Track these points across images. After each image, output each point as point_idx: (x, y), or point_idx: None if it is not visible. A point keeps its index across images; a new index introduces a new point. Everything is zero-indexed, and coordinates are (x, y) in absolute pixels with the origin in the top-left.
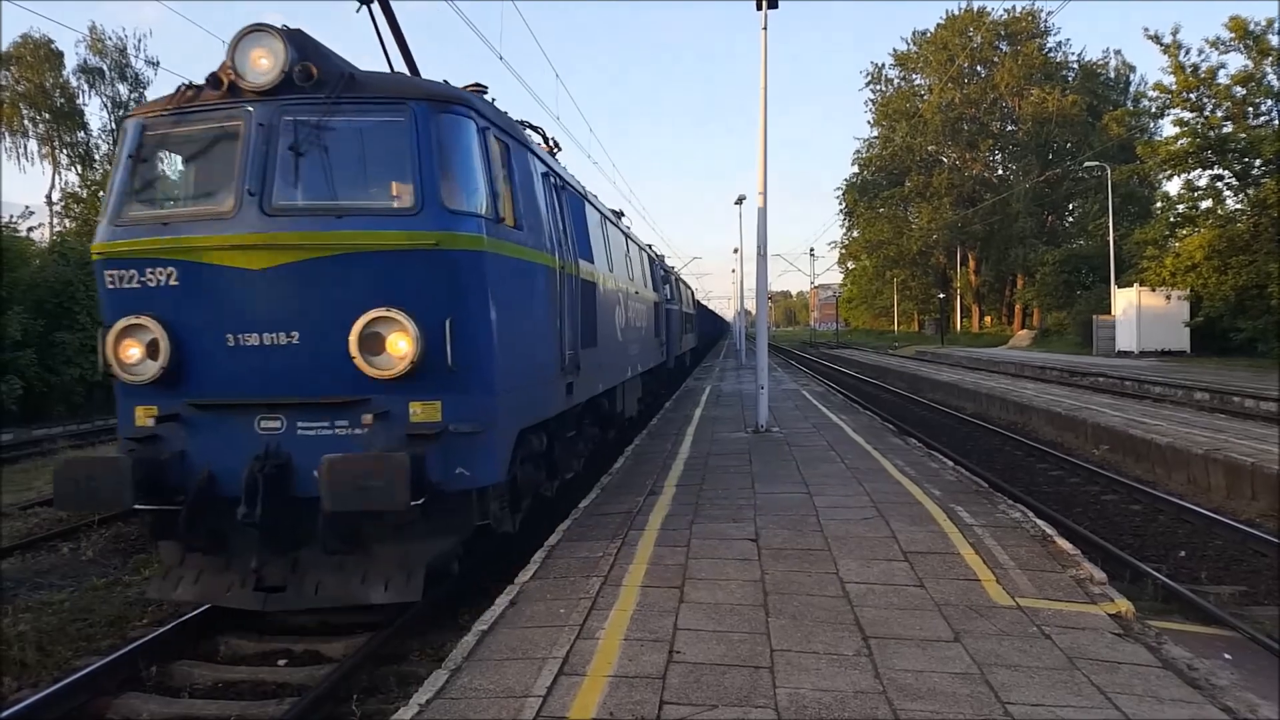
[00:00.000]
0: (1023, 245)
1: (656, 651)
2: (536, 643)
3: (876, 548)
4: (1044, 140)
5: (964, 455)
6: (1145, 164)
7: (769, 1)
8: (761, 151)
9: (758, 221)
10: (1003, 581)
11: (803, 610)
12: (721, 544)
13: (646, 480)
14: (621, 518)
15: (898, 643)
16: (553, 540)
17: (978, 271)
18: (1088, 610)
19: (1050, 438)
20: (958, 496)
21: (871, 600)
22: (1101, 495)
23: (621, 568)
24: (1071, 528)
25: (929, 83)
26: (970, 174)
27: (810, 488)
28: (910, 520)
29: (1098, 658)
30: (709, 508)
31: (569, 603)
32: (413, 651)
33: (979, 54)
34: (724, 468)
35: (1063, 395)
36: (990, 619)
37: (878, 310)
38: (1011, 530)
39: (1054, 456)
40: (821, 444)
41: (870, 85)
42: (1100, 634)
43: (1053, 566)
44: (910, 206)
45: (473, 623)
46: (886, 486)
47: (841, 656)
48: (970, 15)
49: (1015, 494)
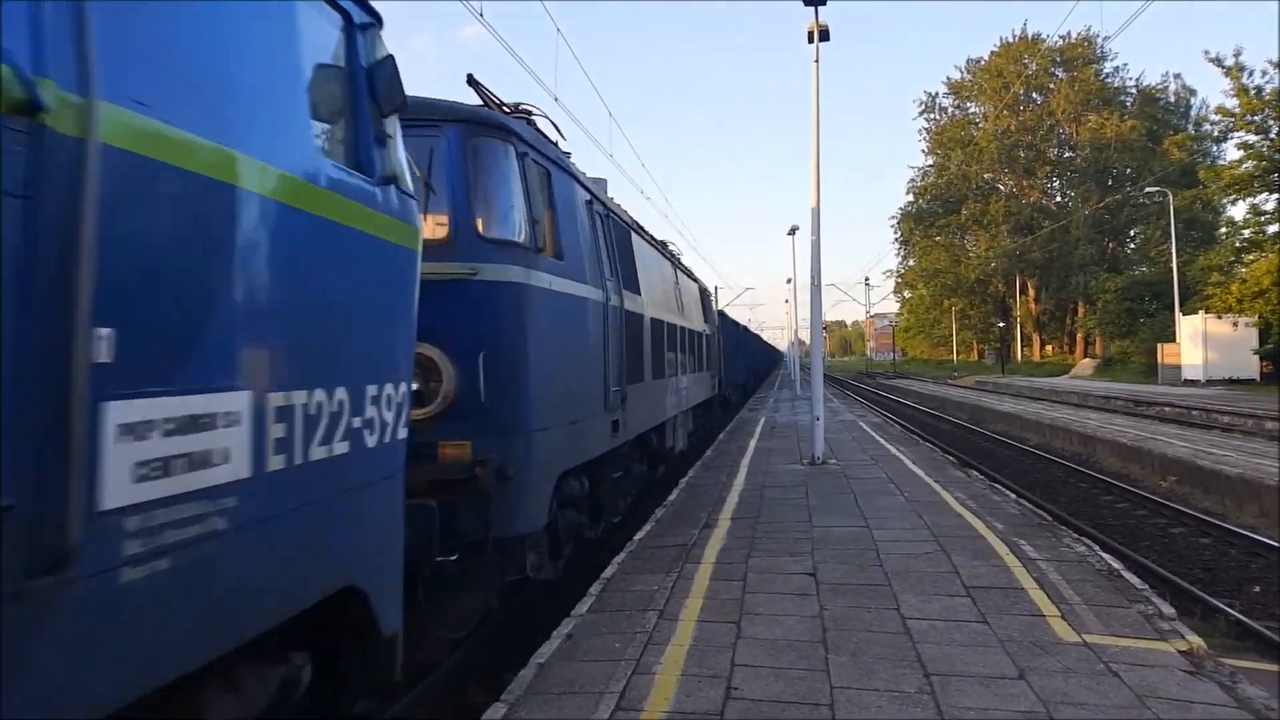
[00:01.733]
0: (1083, 273)
1: (714, 687)
2: (594, 677)
3: (938, 583)
4: (1103, 166)
5: (1027, 488)
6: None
7: (820, 35)
8: (814, 184)
9: (811, 252)
10: (1068, 617)
11: (863, 646)
12: (779, 578)
13: (701, 513)
14: (677, 551)
15: (960, 680)
16: (608, 573)
17: (1037, 300)
18: (1157, 647)
19: (1115, 469)
20: (1021, 530)
21: (933, 636)
22: (1169, 528)
23: (677, 602)
24: (1139, 562)
25: (984, 110)
26: (1028, 201)
27: (869, 521)
28: (972, 554)
29: (1169, 696)
30: (765, 541)
31: (625, 637)
32: (471, 684)
33: (1034, 80)
34: (780, 501)
35: (1128, 426)
36: (1056, 656)
37: (935, 339)
38: (1077, 564)
39: (1119, 488)
40: (880, 476)
41: (924, 114)
42: (1170, 672)
43: (1120, 602)
44: (967, 234)
45: (529, 656)
46: (948, 520)
47: (903, 694)
48: (1025, 42)
49: (1080, 527)
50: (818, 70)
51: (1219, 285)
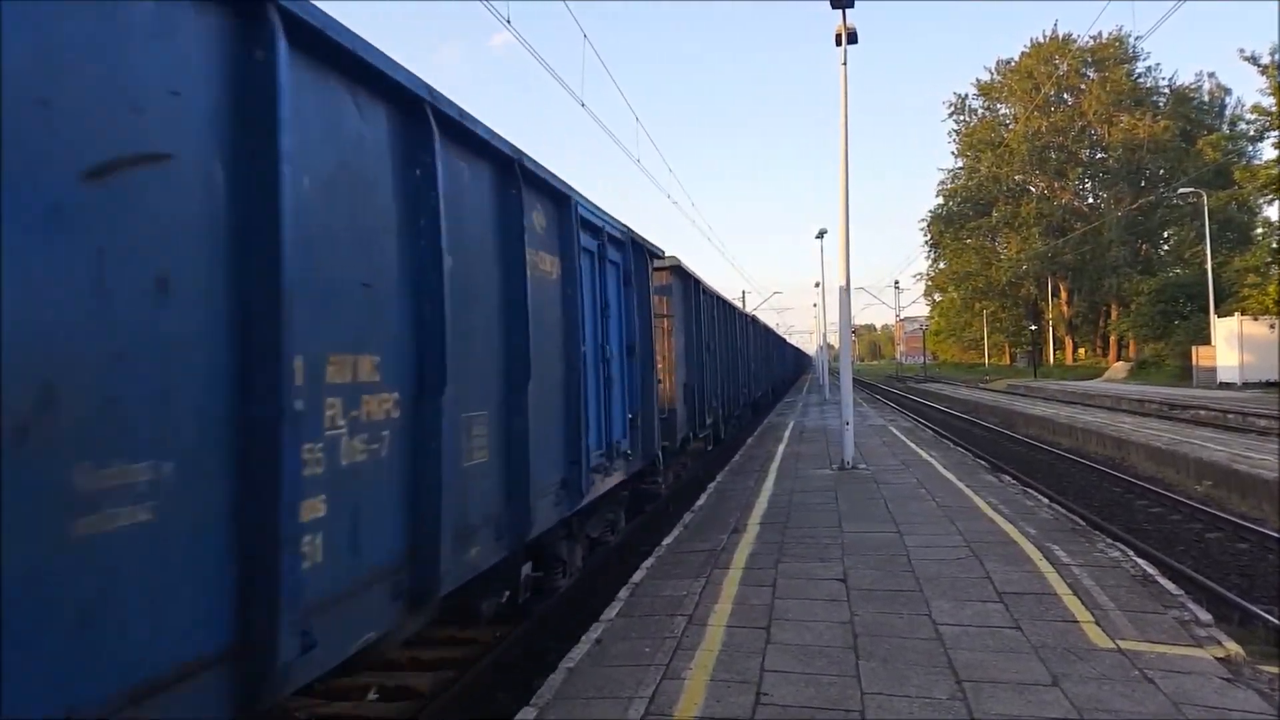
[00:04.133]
0: (1116, 275)
1: (744, 693)
2: (623, 682)
3: (970, 588)
4: (1135, 167)
5: (1060, 492)
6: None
7: (849, 37)
8: (842, 186)
9: (840, 256)
10: (1102, 623)
11: (894, 652)
12: (809, 584)
13: (730, 518)
14: (705, 556)
15: (993, 686)
16: (637, 578)
17: (1070, 302)
18: (1193, 653)
19: (1150, 473)
20: (1054, 535)
21: (965, 642)
22: (1205, 533)
23: (706, 607)
24: (1174, 567)
25: (1014, 112)
26: (1059, 203)
27: (900, 526)
28: (1005, 560)
29: (1205, 704)
30: (795, 547)
31: (654, 642)
32: (501, 688)
33: (1065, 81)
34: (809, 506)
35: (1162, 429)
36: (1090, 662)
37: (966, 343)
38: (1111, 570)
39: (1154, 493)
40: (911, 481)
41: (953, 115)
42: (1208, 679)
43: (1155, 608)
44: (998, 237)
45: (559, 660)
46: (979, 525)
47: (935, 700)
48: (1055, 43)
49: (1114, 532)
50: (845, 73)
51: (1255, 287)
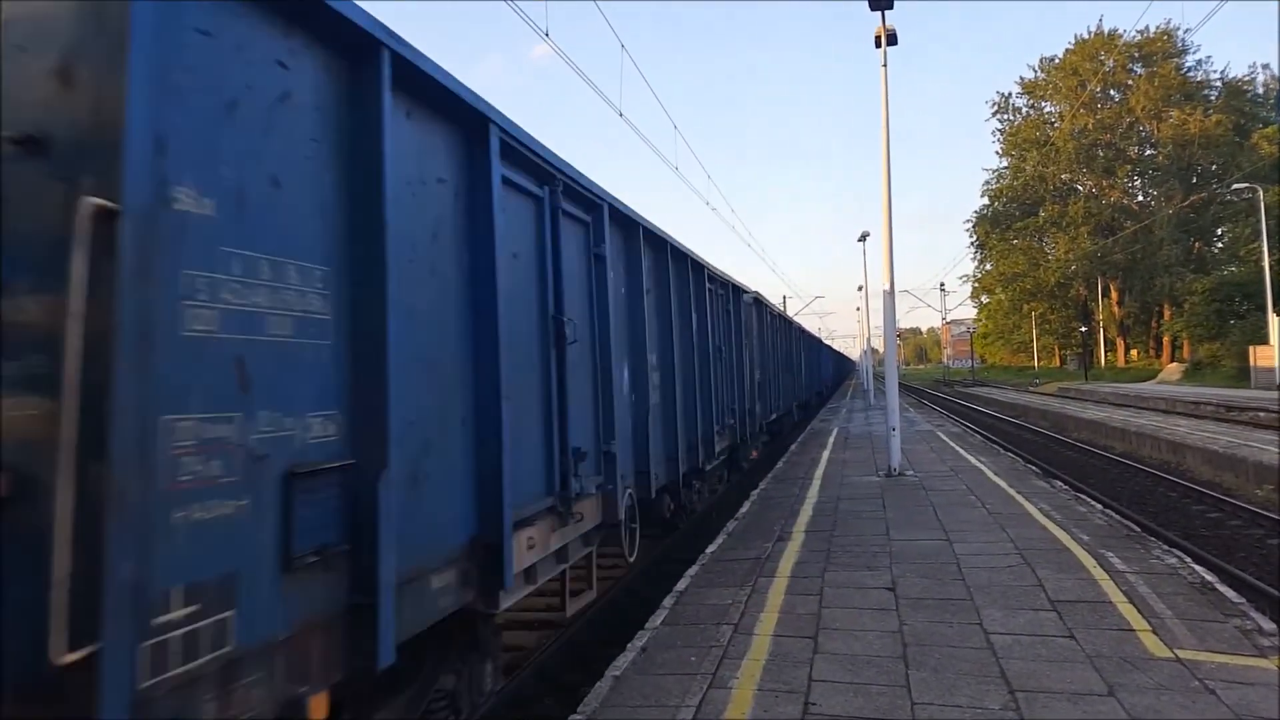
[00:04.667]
0: (1168, 274)
1: (791, 703)
2: (669, 690)
3: (1022, 597)
4: (1186, 163)
5: (1113, 498)
6: None
7: (888, 39)
8: (885, 188)
9: (884, 258)
10: (1159, 632)
11: (944, 662)
12: (856, 593)
13: (775, 526)
14: (750, 564)
15: (1047, 696)
16: (681, 586)
17: (1121, 303)
18: (1256, 664)
19: (1207, 478)
20: (1108, 541)
21: (1018, 652)
22: (1266, 539)
23: (752, 616)
24: (1234, 574)
25: (1059, 110)
26: (1108, 201)
27: (949, 534)
28: (1058, 567)
29: (1270, 716)
30: (841, 555)
31: (700, 650)
32: (547, 695)
33: (1112, 78)
34: (856, 513)
35: (1219, 432)
36: (1147, 672)
37: (1015, 345)
38: (1168, 577)
39: (1211, 498)
40: (960, 488)
41: (997, 115)
42: (1271, 690)
43: (1215, 616)
44: (1046, 237)
45: (605, 667)
46: (1031, 532)
47: (987, 711)
48: (1101, 39)
49: (1171, 538)
50: (886, 74)
51: None
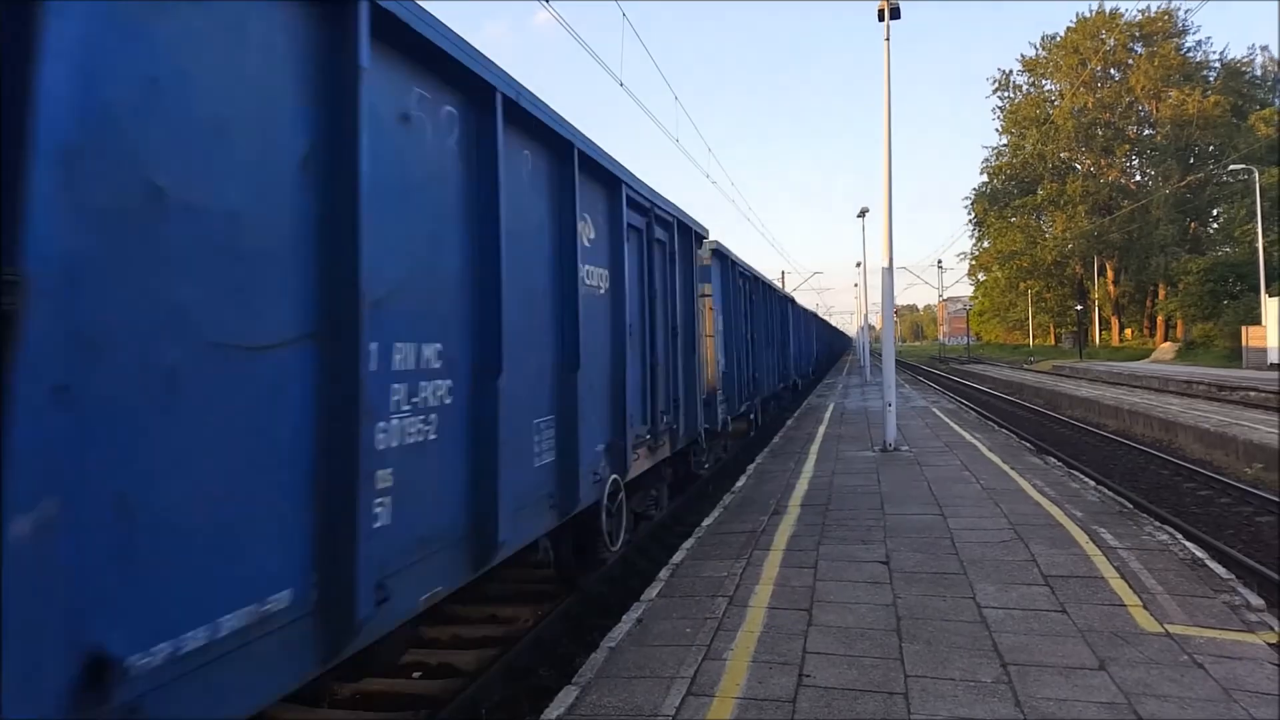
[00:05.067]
0: (1164, 254)
1: (785, 674)
2: (664, 661)
3: (1015, 571)
4: (1184, 144)
5: (1106, 475)
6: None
7: (891, 12)
8: (886, 164)
9: (884, 234)
10: (1150, 607)
11: (938, 635)
12: (851, 566)
13: (770, 500)
14: (746, 537)
15: (1039, 670)
16: (677, 559)
17: (1116, 282)
18: (1244, 639)
19: (1199, 456)
20: (1100, 518)
21: (1010, 626)
22: (1256, 516)
23: (747, 588)
24: (1224, 551)
25: (1060, 88)
26: (1106, 181)
27: (943, 509)
28: (1050, 543)
29: (1257, 690)
30: (836, 529)
31: (695, 622)
32: (543, 666)
33: (1112, 57)
34: (851, 488)
35: (1211, 411)
36: (1138, 646)
37: (1011, 323)
38: (1159, 553)
39: (1203, 475)
40: (954, 463)
41: (997, 92)
42: (1259, 664)
43: (1204, 592)
44: (1043, 215)
45: (601, 639)
46: (1025, 508)
47: (979, 684)
48: (1102, 17)
49: (1162, 515)
50: (888, 48)
51: None
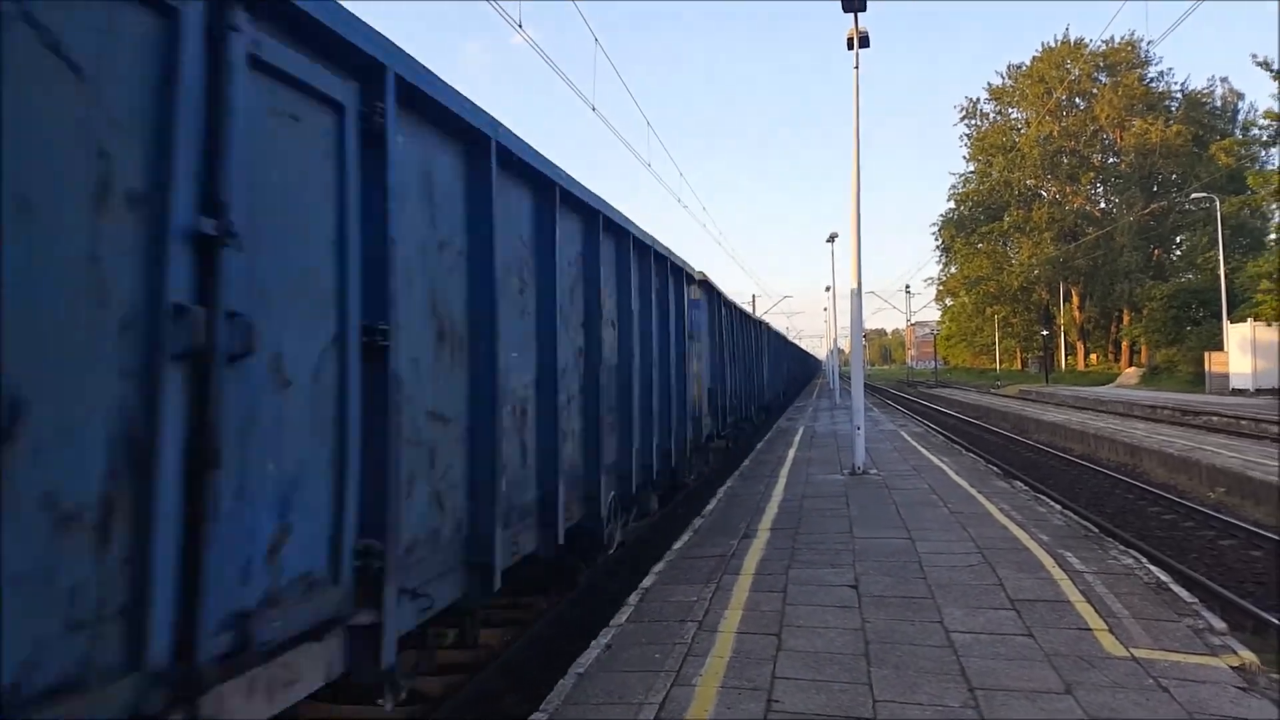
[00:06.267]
0: (1128, 280)
1: (754, 700)
2: (633, 687)
3: (982, 595)
4: (1148, 172)
5: (1072, 499)
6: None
7: (860, 41)
8: (854, 190)
9: (852, 260)
10: (1116, 631)
11: (906, 660)
12: (820, 590)
13: (740, 523)
14: (715, 561)
15: (1006, 694)
16: (646, 583)
17: (1082, 307)
18: (1208, 662)
19: (1163, 480)
20: (1066, 542)
21: (978, 650)
22: (1219, 540)
23: (717, 613)
24: (1188, 574)
25: (1026, 116)
26: (1071, 208)
27: (911, 533)
28: (1017, 567)
29: (1221, 713)
30: (806, 553)
31: (664, 648)
32: (509, 692)
33: (1077, 86)
34: (820, 511)
35: (1175, 435)
36: (1103, 670)
37: (978, 348)
38: (1124, 577)
39: (1167, 499)
40: (922, 487)
41: (965, 120)
42: (1223, 688)
43: (1169, 615)
44: (1010, 242)
45: (569, 665)
46: (992, 532)
47: (947, 708)
48: (1067, 47)
49: (1127, 539)
50: (857, 76)
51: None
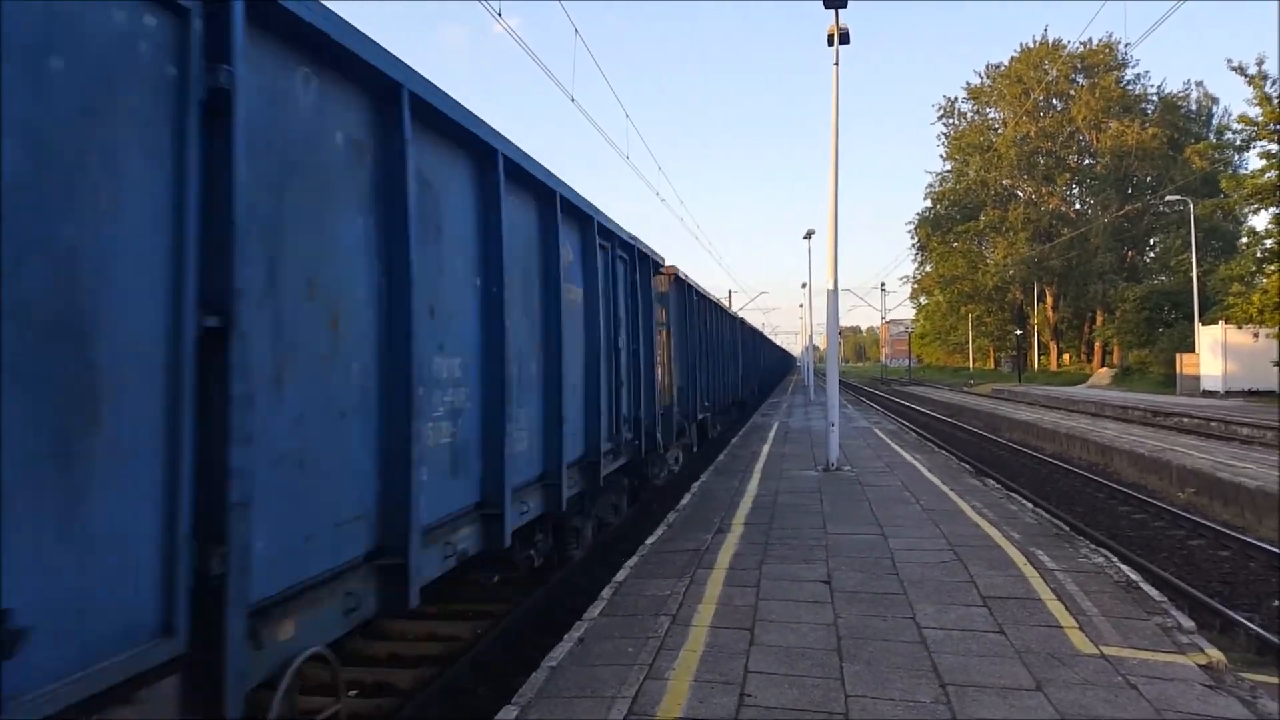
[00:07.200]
0: (1102, 281)
1: (727, 694)
2: (606, 681)
3: (954, 592)
4: (1123, 174)
5: (1044, 497)
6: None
7: (840, 38)
8: (832, 187)
9: (829, 257)
10: (1086, 629)
11: (878, 655)
12: (793, 585)
13: (714, 518)
14: (689, 556)
15: (977, 691)
16: (620, 577)
17: (1055, 308)
18: (1176, 660)
19: (1133, 480)
20: (1038, 540)
21: (949, 646)
22: (1188, 540)
23: (690, 607)
24: (1157, 573)
25: (1003, 116)
26: (1047, 208)
27: (884, 529)
28: (989, 564)
29: (1188, 711)
30: (779, 548)
31: (637, 641)
32: (482, 685)
33: (1055, 87)
34: (794, 507)
35: (1146, 436)
36: (1073, 667)
37: (952, 346)
38: (1094, 575)
39: (1137, 499)
40: (895, 484)
41: (942, 119)
42: (1190, 685)
43: (1138, 614)
44: (985, 241)
45: (541, 658)
46: (964, 529)
47: (918, 704)
48: (1045, 48)
49: (1098, 538)
50: (837, 73)
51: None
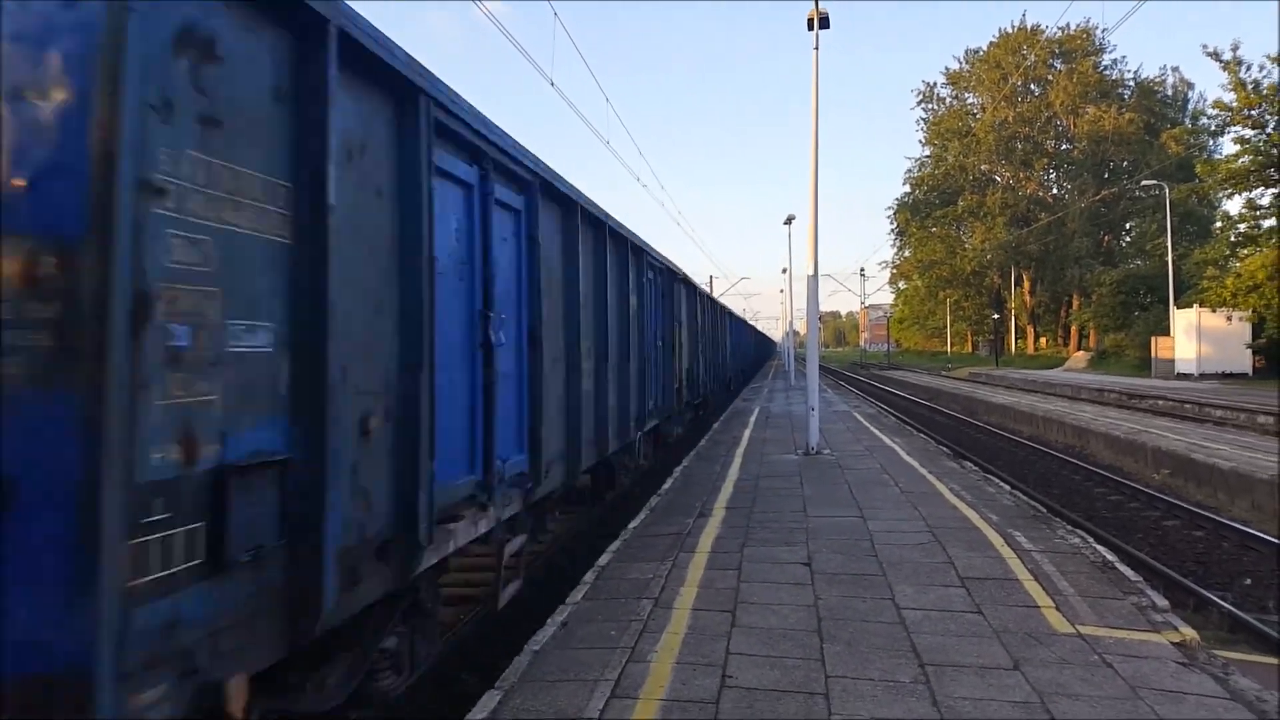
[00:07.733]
0: (1079, 265)
1: (709, 676)
2: (588, 664)
3: (933, 573)
4: (1100, 159)
5: (1021, 479)
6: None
7: (821, 22)
8: (813, 173)
9: (809, 242)
10: (1062, 608)
11: (858, 636)
12: (774, 568)
13: (696, 502)
14: (671, 540)
15: (955, 670)
16: (603, 561)
17: (1033, 292)
18: (1150, 639)
19: (1109, 462)
20: (1015, 521)
21: (928, 627)
22: (1162, 521)
23: (672, 590)
24: (1132, 554)
25: (982, 101)
26: (1024, 193)
27: (864, 511)
28: (967, 545)
29: (1162, 688)
30: (760, 531)
31: (620, 625)
32: (464, 669)
33: (1033, 72)
34: (775, 490)
35: (1121, 418)
36: (1050, 647)
37: (930, 331)
38: (1071, 556)
39: (1113, 481)
40: (874, 467)
41: (922, 104)
42: (1164, 663)
43: (1113, 593)
44: (963, 226)
45: (524, 642)
46: (942, 511)
47: (898, 684)
48: (1024, 33)
49: (1074, 519)
50: (817, 58)
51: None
